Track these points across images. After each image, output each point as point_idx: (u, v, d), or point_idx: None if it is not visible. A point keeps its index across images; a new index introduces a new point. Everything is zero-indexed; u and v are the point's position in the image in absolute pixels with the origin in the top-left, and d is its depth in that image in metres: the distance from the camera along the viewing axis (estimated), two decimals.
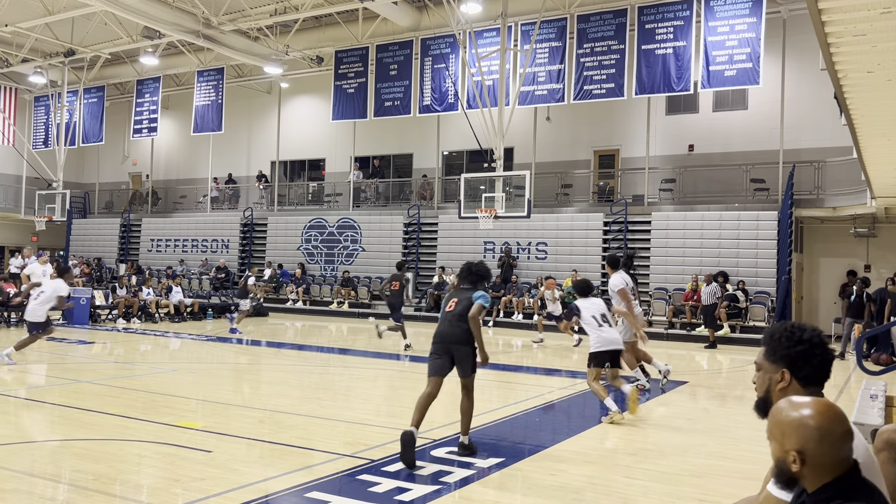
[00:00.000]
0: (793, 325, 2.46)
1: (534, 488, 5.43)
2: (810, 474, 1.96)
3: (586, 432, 7.77)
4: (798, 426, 1.97)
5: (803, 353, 2.39)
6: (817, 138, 19.74)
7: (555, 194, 23.28)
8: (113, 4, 19.77)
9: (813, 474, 1.96)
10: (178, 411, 7.98)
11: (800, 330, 2.43)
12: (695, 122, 22.01)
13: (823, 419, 1.96)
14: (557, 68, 20.00)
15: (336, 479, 5.49)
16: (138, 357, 13.07)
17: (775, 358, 2.43)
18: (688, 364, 14.13)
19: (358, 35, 23.26)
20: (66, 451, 6.14)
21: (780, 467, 2.02)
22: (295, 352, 14.54)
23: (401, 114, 22.64)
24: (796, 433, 1.97)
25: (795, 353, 2.40)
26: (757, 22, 17.66)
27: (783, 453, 1.99)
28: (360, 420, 7.74)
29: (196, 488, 5.12)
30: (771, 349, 2.44)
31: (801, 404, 2.01)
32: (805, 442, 1.95)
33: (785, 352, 2.41)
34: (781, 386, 2.40)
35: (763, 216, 18.99)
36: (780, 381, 2.40)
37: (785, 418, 2.01)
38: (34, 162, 29.69)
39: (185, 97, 29.35)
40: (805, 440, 1.95)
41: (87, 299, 18.70)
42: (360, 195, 26.71)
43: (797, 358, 2.40)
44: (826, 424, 1.95)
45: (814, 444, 1.94)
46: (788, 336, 2.42)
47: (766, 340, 2.48)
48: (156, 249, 29.47)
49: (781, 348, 2.42)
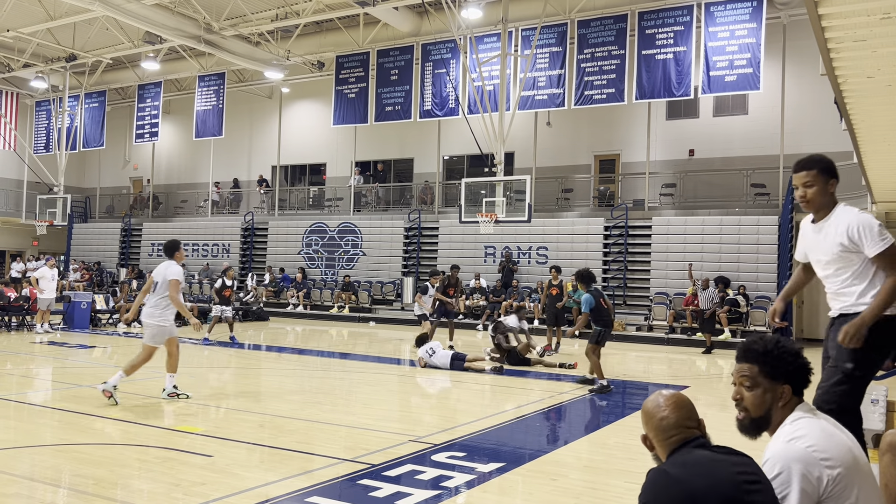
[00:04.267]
0: (783, 340, 2.43)
1: (534, 493, 5.43)
2: (659, 454, 2.35)
3: (587, 437, 7.76)
4: (641, 415, 2.42)
5: (802, 367, 2.39)
6: (817, 143, 19.71)
7: (555, 199, 23.30)
8: (114, 10, 19.82)
9: (660, 454, 2.35)
10: (179, 416, 7.97)
11: (791, 344, 2.43)
12: (695, 126, 22.03)
13: (649, 408, 2.37)
14: (558, 73, 20.03)
15: (336, 483, 5.48)
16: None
17: (777, 375, 2.37)
18: (688, 369, 14.12)
19: (359, 40, 23.30)
20: (66, 455, 6.13)
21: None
22: (295, 356, 14.53)
23: (401, 119, 22.67)
24: (642, 420, 2.41)
25: (796, 368, 2.37)
26: (757, 27, 17.68)
27: (642, 438, 2.44)
28: (360, 425, 7.73)
29: (196, 493, 5.11)
30: (771, 367, 2.38)
31: (654, 396, 2.41)
32: (644, 427, 2.40)
33: (789, 368, 2.37)
34: (784, 402, 2.36)
35: (763, 221, 18.99)
36: (782, 398, 2.36)
37: (643, 409, 2.43)
38: (35, 166, 29.73)
39: (186, 102, 29.41)
40: (644, 426, 2.39)
41: (87, 304, 18.69)
42: (361, 200, 26.73)
43: (798, 372, 2.38)
44: (652, 410, 2.35)
45: (647, 428, 2.38)
46: (788, 352, 2.38)
47: (760, 359, 2.39)
48: (156, 254, 29.46)
49: (785, 365, 2.37)
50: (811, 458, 2.17)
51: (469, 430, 7.50)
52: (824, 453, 2.19)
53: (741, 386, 2.44)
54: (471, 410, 9.05)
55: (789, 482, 2.16)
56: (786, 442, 2.24)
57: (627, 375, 12.64)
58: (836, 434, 2.28)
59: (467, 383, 11.02)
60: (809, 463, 2.17)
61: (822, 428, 2.27)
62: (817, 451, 2.19)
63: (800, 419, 2.31)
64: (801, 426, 2.28)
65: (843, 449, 2.22)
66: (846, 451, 2.22)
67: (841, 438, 2.26)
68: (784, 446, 2.23)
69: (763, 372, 2.39)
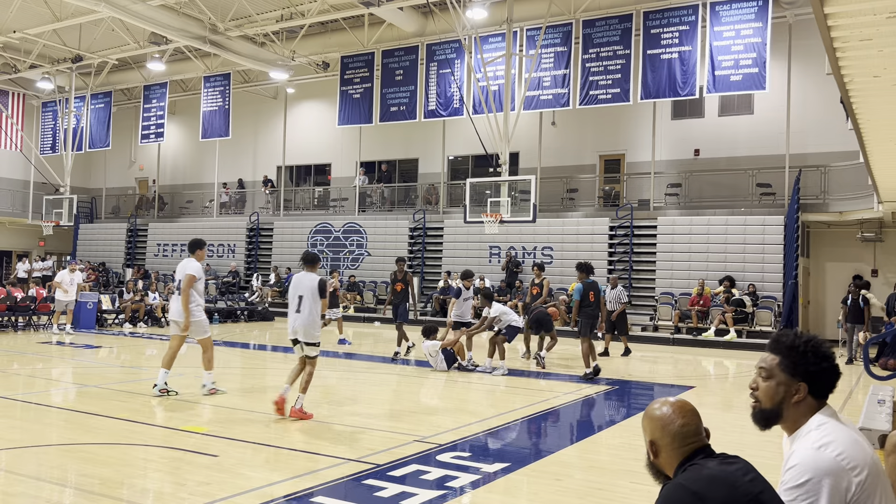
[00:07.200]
0: (815, 340, 2.35)
1: (539, 493, 5.42)
2: (665, 461, 2.29)
3: (592, 437, 7.75)
4: (650, 421, 2.32)
5: (827, 371, 2.32)
6: (823, 143, 19.69)
7: (560, 199, 23.27)
8: (120, 11, 19.89)
9: (667, 461, 2.28)
10: (185, 415, 7.99)
11: (822, 345, 2.35)
12: (700, 126, 21.97)
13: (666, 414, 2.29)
14: (563, 73, 20.01)
15: (341, 483, 5.49)
16: (144, 361, 13.09)
17: (795, 371, 2.32)
18: (694, 369, 14.09)
19: (364, 41, 23.32)
20: (72, 455, 6.15)
21: (647, 456, 2.36)
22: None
23: (406, 119, 22.68)
24: (650, 427, 2.32)
25: (819, 370, 2.31)
26: (763, 27, 17.64)
27: (646, 444, 2.35)
28: (365, 425, 7.74)
29: (202, 492, 5.13)
30: (791, 362, 2.32)
31: (659, 403, 2.34)
32: (653, 433, 2.31)
33: (810, 368, 2.31)
34: (797, 399, 2.31)
35: (769, 221, 18.93)
36: (796, 395, 2.31)
37: (645, 415, 2.35)
38: (42, 167, 29.84)
39: (191, 102, 29.49)
40: (653, 432, 2.30)
41: (93, 304, 18.75)
42: (366, 200, 26.75)
43: (820, 375, 2.31)
44: (667, 417, 2.28)
45: (659, 434, 2.28)
46: (814, 352, 2.32)
47: (783, 351, 2.35)
48: (162, 254, 29.56)
49: (806, 363, 2.31)
50: (840, 469, 2.15)
51: (474, 431, 7.50)
52: (853, 461, 2.17)
53: (758, 375, 2.41)
54: (476, 410, 9.05)
55: (818, 493, 2.13)
56: (815, 449, 2.20)
57: (632, 376, 12.62)
58: (860, 440, 2.26)
59: (472, 383, 11.02)
60: (839, 474, 2.14)
61: (848, 434, 2.25)
62: (846, 458, 2.17)
63: (825, 423, 2.27)
64: (827, 431, 2.24)
65: (867, 455, 2.21)
66: (870, 456, 2.21)
67: (864, 444, 2.26)
68: (814, 454, 2.19)
69: (782, 365, 2.35)
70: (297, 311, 8.05)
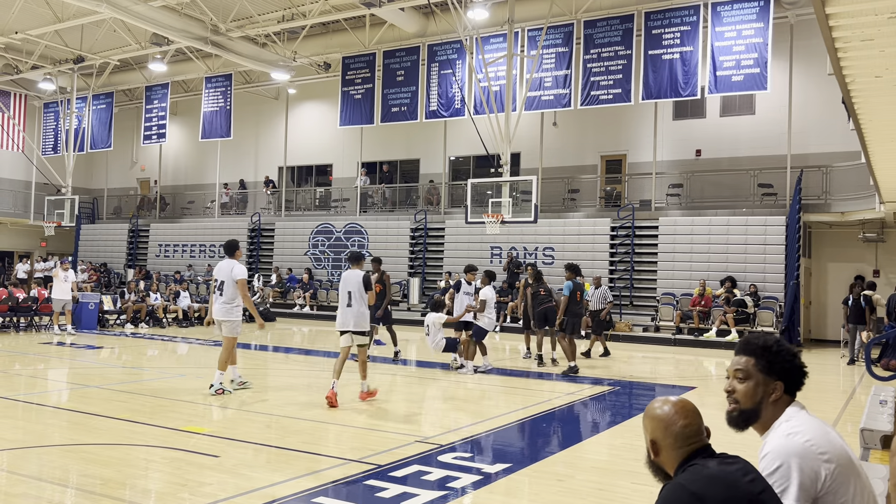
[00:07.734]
0: (782, 340, 2.50)
1: (541, 494, 5.42)
2: (666, 461, 2.29)
3: (593, 438, 7.75)
4: (651, 420, 2.32)
5: (799, 367, 2.44)
6: (825, 143, 19.67)
7: (562, 199, 23.27)
8: (122, 12, 19.90)
9: (667, 461, 2.28)
10: (186, 416, 8.00)
11: (788, 345, 2.49)
12: (702, 127, 21.96)
13: (668, 413, 2.29)
14: (564, 73, 20.00)
15: (343, 484, 5.49)
16: (146, 362, 13.11)
17: (771, 370, 2.42)
18: (695, 370, 14.08)
19: (365, 41, 23.33)
20: (73, 455, 6.15)
21: (647, 455, 2.36)
22: (302, 357, 14.55)
23: (407, 119, 22.69)
24: (651, 426, 2.32)
25: (792, 367, 2.42)
26: (764, 27, 17.63)
27: (646, 443, 2.35)
28: (367, 425, 7.74)
29: (203, 493, 5.13)
30: (767, 362, 2.43)
31: (661, 402, 2.34)
32: (654, 433, 2.30)
33: (785, 365, 2.42)
34: (775, 398, 2.42)
35: (771, 221, 18.92)
36: (773, 393, 2.41)
37: (647, 414, 2.36)
38: (43, 168, 29.87)
39: (193, 103, 29.51)
40: (654, 431, 2.30)
41: (95, 304, 18.77)
42: (367, 200, 26.76)
43: (793, 372, 2.42)
44: (669, 417, 2.28)
45: (661, 434, 2.28)
46: (786, 351, 2.44)
47: (758, 352, 2.45)
48: (164, 255, 29.59)
49: (781, 361, 2.42)
50: (809, 453, 2.24)
51: (475, 431, 7.51)
52: (821, 448, 2.25)
53: (734, 379, 2.50)
54: (477, 411, 9.05)
55: (789, 476, 2.22)
56: (785, 436, 2.30)
57: (634, 376, 12.61)
58: (831, 432, 2.35)
59: (473, 384, 11.02)
60: (808, 457, 2.23)
61: (818, 425, 2.35)
62: (815, 446, 2.25)
63: (796, 416, 2.38)
64: (798, 422, 2.34)
65: (837, 446, 2.29)
66: (841, 448, 2.29)
67: (835, 436, 2.35)
68: (784, 440, 2.29)
69: (758, 366, 2.44)
70: (347, 306, 8.81)
